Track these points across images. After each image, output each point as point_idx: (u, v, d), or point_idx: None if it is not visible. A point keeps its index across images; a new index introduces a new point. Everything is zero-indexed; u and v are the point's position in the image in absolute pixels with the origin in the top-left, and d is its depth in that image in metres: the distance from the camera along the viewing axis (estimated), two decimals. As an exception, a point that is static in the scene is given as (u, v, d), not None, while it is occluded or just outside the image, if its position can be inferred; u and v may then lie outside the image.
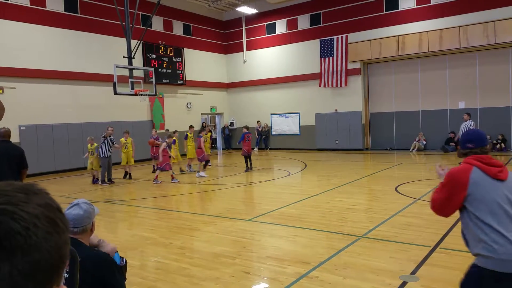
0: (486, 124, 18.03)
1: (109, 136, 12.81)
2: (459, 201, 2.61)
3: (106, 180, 12.92)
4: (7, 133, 6.38)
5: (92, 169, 13.19)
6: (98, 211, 2.82)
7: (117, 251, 2.81)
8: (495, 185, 2.56)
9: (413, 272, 4.75)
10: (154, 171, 14.86)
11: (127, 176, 13.96)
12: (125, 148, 13.81)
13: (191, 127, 15.27)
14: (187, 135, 15.00)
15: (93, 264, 2.34)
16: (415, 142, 19.17)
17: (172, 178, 12.74)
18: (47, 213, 0.69)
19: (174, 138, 14.03)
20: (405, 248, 5.66)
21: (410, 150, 19.11)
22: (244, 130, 14.95)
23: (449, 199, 2.65)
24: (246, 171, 14.58)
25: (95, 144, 12.94)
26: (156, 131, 15.59)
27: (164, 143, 12.82)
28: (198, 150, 13.92)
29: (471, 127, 13.71)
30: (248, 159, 14.72)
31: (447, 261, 5.08)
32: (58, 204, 0.75)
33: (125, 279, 2.70)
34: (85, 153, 13.67)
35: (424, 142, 19.08)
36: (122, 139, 13.87)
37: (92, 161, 13.03)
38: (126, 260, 2.90)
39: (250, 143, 14.71)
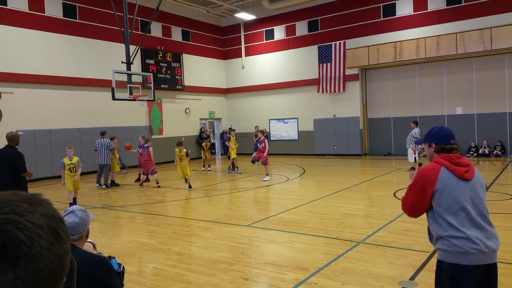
0: (483, 130, 18.11)
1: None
2: (429, 199, 2.72)
3: (108, 184, 13.26)
4: (11, 138, 6.69)
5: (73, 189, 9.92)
6: (93, 218, 2.82)
7: (114, 257, 2.80)
8: (460, 185, 2.68)
9: (412, 278, 4.74)
10: (138, 180, 14.14)
11: (114, 183, 13.67)
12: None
13: (232, 130, 16.43)
14: (229, 137, 15.98)
15: (90, 267, 2.33)
16: (420, 147, 19.14)
17: (157, 182, 13.03)
18: (50, 223, 0.70)
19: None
20: (404, 253, 5.65)
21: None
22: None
23: (419, 197, 2.75)
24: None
25: (76, 158, 9.90)
26: (143, 138, 14.35)
27: (151, 148, 13.19)
28: (264, 154, 13.83)
29: (414, 135, 14.00)
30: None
31: (446, 267, 5.06)
32: (60, 214, 0.75)
33: (123, 285, 2.68)
34: (61, 168, 9.82)
35: None
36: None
37: (74, 180, 9.76)
38: (123, 267, 2.88)
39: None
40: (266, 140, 14.01)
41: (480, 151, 17.82)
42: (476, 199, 2.69)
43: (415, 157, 14.08)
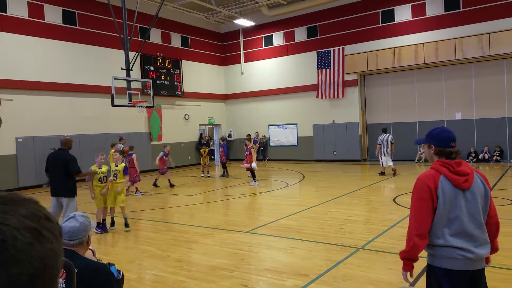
0: (482, 135, 18.13)
1: (123, 144, 14.27)
2: (433, 206, 2.61)
3: None
4: (64, 141, 7.39)
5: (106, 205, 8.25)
6: (94, 225, 2.82)
7: (114, 264, 2.79)
8: (457, 195, 2.61)
9: (412, 284, 4.72)
10: (171, 186, 14.25)
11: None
12: None
13: (248, 135, 16.58)
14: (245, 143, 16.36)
15: (90, 275, 2.33)
16: (419, 153, 19.16)
17: (137, 190, 13.08)
18: (29, 223, 0.66)
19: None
20: (404, 259, 5.63)
21: (416, 161, 19.08)
22: (220, 141, 17.18)
23: (429, 208, 2.61)
24: (221, 176, 16.73)
25: (105, 168, 8.25)
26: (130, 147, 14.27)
27: (134, 155, 13.22)
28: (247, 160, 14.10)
29: (377, 141, 15.25)
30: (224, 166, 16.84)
31: (446, 272, 5.05)
32: (47, 212, 0.72)
33: (122, 292, 2.67)
34: (89, 178, 8.24)
35: None
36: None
37: (106, 191, 8.07)
38: (123, 273, 2.88)
39: (223, 152, 16.88)
40: (251, 148, 14.17)
41: (480, 156, 17.84)
42: (473, 208, 2.62)
43: (381, 162, 15.17)
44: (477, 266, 2.64)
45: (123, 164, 8.50)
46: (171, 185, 14.23)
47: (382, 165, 15.21)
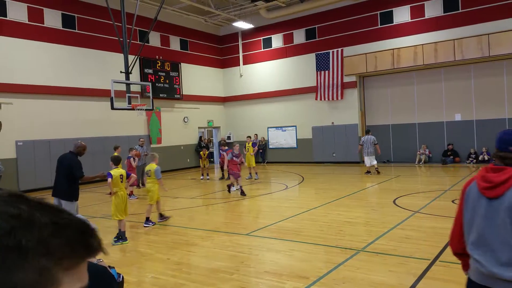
0: (482, 136, 18.12)
1: (142, 146, 14.83)
2: (462, 210, 2.58)
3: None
4: (76, 146, 7.63)
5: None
6: (96, 228, 2.82)
7: (114, 267, 2.79)
8: (479, 202, 2.45)
9: (413, 286, 4.71)
10: (229, 191, 13.08)
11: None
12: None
13: (248, 137, 16.60)
14: (245, 145, 16.33)
15: (91, 277, 2.32)
16: (419, 154, 19.12)
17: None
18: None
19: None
20: (404, 261, 5.62)
21: (416, 163, 19.02)
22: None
23: (458, 208, 2.62)
24: (220, 178, 16.63)
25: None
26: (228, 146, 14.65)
27: (131, 158, 13.30)
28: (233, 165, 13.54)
29: (360, 140, 15.75)
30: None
31: (446, 274, 5.04)
32: (26, 195, 0.65)
33: (121, 296, 2.66)
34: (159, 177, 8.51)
35: (430, 155, 19.05)
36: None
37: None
38: (123, 276, 2.87)
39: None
40: (224, 153, 13.93)
41: (480, 157, 17.82)
42: (499, 220, 2.36)
43: (365, 162, 16.14)
44: (496, 285, 2.33)
45: (123, 171, 8.01)
46: (230, 189, 12.86)
47: (366, 164, 16.02)
